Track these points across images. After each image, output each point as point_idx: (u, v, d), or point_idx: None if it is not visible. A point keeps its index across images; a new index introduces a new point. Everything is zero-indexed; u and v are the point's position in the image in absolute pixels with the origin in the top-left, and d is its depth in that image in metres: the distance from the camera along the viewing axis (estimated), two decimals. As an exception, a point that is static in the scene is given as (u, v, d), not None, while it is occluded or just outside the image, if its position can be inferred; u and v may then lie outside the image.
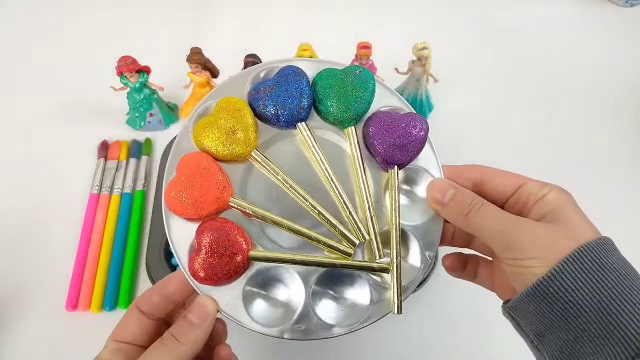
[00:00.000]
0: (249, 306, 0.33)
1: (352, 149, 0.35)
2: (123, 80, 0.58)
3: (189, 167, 0.33)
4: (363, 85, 0.35)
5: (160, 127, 0.64)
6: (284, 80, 0.35)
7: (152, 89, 0.61)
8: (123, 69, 0.57)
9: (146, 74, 0.59)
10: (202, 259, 0.32)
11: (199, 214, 0.33)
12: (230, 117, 0.34)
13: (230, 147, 0.34)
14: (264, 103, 0.35)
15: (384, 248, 0.34)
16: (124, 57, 0.56)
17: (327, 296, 0.34)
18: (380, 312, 0.34)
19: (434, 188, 0.34)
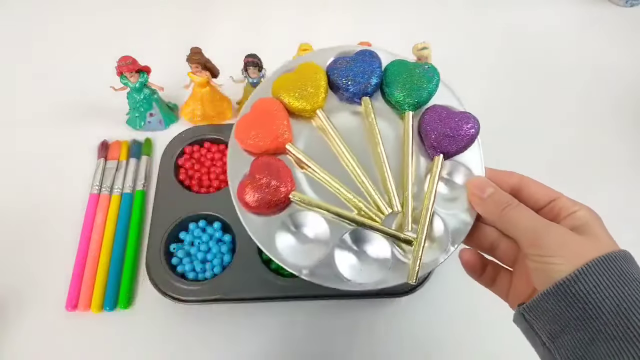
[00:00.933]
0: (279, 239, 0.36)
1: (406, 130, 0.39)
2: (123, 80, 0.58)
3: (262, 107, 0.38)
4: (428, 78, 0.39)
5: (160, 127, 0.64)
6: (360, 58, 0.40)
7: (152, 89, 0.61)
8: (123, 69, 0.56)
9: (146, 74, 0.59)
10: (250, 184, 0.36)
11: (258, 147, 0.37)
12: (307, 78, 0.39)
13: (300, 101, 0.38)
14: (339, 73, 0.39)
15: (412, 223, 0.36)
16: (123, 57, 0.56)
17: (350, 253, 0.36)
18: (395, 280, 0.36)
19: (475, 184, 0.36)
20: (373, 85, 0.39)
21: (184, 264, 0.53)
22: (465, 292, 0.54)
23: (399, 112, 0.40)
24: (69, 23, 0.77)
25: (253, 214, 0.37)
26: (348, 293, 0.51)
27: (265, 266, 0.52)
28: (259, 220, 0.36)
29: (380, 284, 0.36)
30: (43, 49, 0.74)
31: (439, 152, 0.38)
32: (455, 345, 0.51)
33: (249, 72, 0.58)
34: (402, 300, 0.52)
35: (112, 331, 0.51)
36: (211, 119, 0.63)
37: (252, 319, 0.52)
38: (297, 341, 0.51)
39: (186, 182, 0.58)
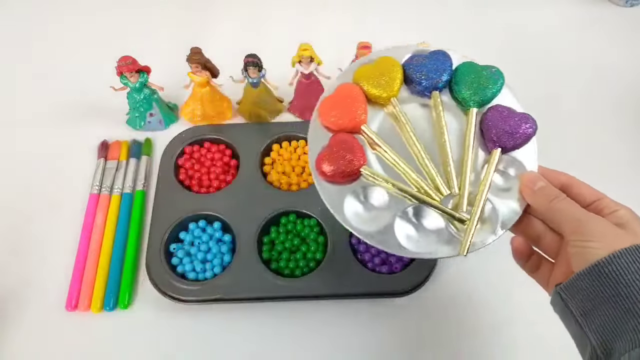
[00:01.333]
0: (347, 206, 0.41)
1: (469, 124, 0.43)
2: (123, 80, 0.58)
3: (344, 91, 0.44)
4: (494, 80, 0.43)
5: (160, 127, 0.64)
6: (434, 57, 0.45)
7: (152, 89, 0.61)
8: (123, 69, 0.57)
9: (146, 74, 0.59)
10: (328, 156, 0.41)
11: (337, 125, 0.42)
12: (384, 69, 0.44)
13: (377, 88, 0.43)
14: (414, 68, 0.44)
15: (467, 206, 0.40)
16: (124, 57, 0.56)
17: (410, 225, 0.41)
18: (446, 252, 0.40)
19: (528, 178, 0.40)
20: (443, 82, 0.44)
21: (184, 264, 0.53)
22: (465, 293, 0.54)
23: (463, 108, 0.44)
24: (69, 23, 0.77)
25: (327, 182, 0.41)
26: (348, 293, 0.51)
27: (265, 266, 0.52)
28: (331, 187, 0.41)
29: (433, 254, 0.40)
30: (43, 49, 0.74)
31: (498, 146, 0.42)
32: (455, 345, 0.51)
33: (248, 72, 0.58)
34: (401, 300, 0.52)
35: (112, 331, 0.51)
36: (211, 119, 0.63)
37: (252, 319, 0.52)
38: (297, 341, 0.51)
39: (186, 182, 0.59)
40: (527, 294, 0.53)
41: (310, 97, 0.63)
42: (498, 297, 0.53)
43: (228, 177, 0.59)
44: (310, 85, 0.61)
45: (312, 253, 0.53)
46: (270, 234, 0.55)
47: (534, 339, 0.51)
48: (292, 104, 0.65)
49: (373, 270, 0.52)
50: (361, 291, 0.51)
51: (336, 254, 0.52)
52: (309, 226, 0.55)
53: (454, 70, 0.45)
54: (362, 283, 0.51)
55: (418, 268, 0.51)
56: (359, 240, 0.54)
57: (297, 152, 0.61)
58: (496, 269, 0.54)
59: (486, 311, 0.53)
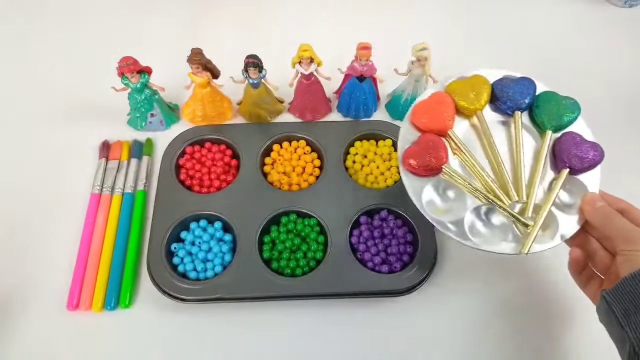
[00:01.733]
0: (425, 196, 0.48)
1: (544, 144, 0.49)
2: (124, 81, 0.59)
3: (437, 98, 0.51)
4: (572, 110, 0.50)
5: (161, 128, 0.64)
6: (521, 82, 0.52)
7: (153, 90, 0.61)
8: (124, 69, 0.57)
9: (147, 75, 0.59)
10: (415, 150, 0.48)
11: (427, 126, 0.50)
12: (475, 86, 0.51)
13: (465, 101, 0.51)
14: (502, 88, 0.51)
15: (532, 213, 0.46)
16: (125, 58, 0.57)
17: (479, 221, 0.48)
18: (508, 250, 0.46)
19: (590, 197, 0.46)
20: (526, 104, 0.50)
21: (185, 263, 0.53)
22: (464, 293, 0.54)
23: (540, 129, 0.51)
24: (71, 24, 0.77)
25: (412, 174, 0.48)
26: (348, 292, 0.51)
27: (266, 266, 0.52)
28: (414, 179, 0.48)
29: (495, 250, 0.46)
30: (44, 49, 0.74)
31: (567, 166, 0.48)
32: (455, 345, 0.51)
33: (249, 73, 0.58)
34: (401, 299, 0.52)
35: (114, 331, 0.51)
36: (212, 119, 0.64)
37: (253, 319, 0.52)
38: (297, 340, 0.51)
39: (187, 182, 0.59)
40: (527, 294, 0.54)
41: (310, 97, 0.63)
42: (498, 297, 0.54)
43: (229, 177, 0.59)
44: (310, 85, 0.61)
45: (313, 252, 0.53)
46: (271, 234, 0.55)
47: (534, 337, 0.51)
48: (292, 105, 0.66)
49: (373, 269, 0.52)
50: (361, 290, 0.51)
51: (336, 253, 0.53)
52: (309, 226, 0.55)
53: (536, 96, 0.51)
54: (362, 282, 0.51)
55: (418, 267, 0.52)
56: (359, 240, 0.54)
57: (297, 152, 0.61)
58: (496, 268, 0.55)
59: (486, 310, 0.53)
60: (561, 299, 0.53)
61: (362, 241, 0.54)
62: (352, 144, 0.62)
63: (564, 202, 0.48)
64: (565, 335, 0.52)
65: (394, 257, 0.53)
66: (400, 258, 0.53)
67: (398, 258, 0.53)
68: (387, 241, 0.54)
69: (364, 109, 0.64)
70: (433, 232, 0.54)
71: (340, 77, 0.63)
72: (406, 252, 0.53)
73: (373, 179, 0.59)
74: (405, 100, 0.64)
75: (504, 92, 0.51)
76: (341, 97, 0.64)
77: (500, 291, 0.54)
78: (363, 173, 0.60)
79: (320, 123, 0.65)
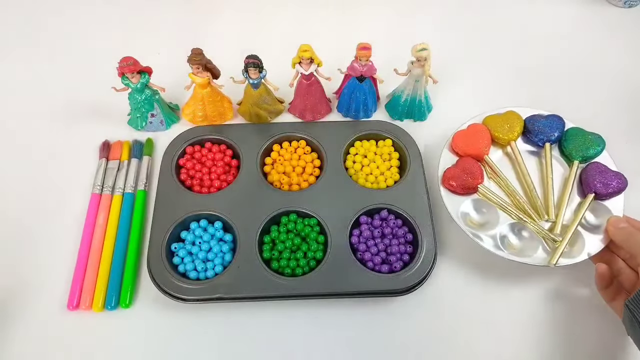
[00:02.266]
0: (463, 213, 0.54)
1: (572, 172, 0.56)
2: (124, 81, 0.59)
3: (475, 128, 0.59)
4: (597, 143, 0.57)
5: (161, 128, 0.64)
6: (551, 118, 0.60)
7: (153, 90, 0.61)
8: (124, 69, 0.57)
9: (147, 75, 0.59)
10: (454, 170, 0.55)
11: (465, 152, 0.57)
12: (509, 120, 0.60)
13: (500, 132, 0.59)
14: (534, 122, 0.59)
15: (560, 231, 0.53)
16: (125, 58, 0.57)
17: (512, 234, 0.54)
18: (537, 262, 0.51)
19: (614, 218, 0.52)
20: (555, 138, 0.58)
21: (185, 263, 0.53)
22: (464, 292, 0.54)
23: (568, 160, 0.58)
24: (71, 24, 0.77)
25: (450, 192, 0.55)
26: (348, 292, 0.51)
27: (266, 266, 0.52)
28: (454, 196, 0.55)
29: (525, 260, 0.51)
30: (44, 48, 0.74)
31: (593, 192, 0.54)
32: (455, 345, 0.51)
33: (249, 73, 0.58)
34: (401, 299, 0.52)
35: (114, 330, 0.51)
36: (212, 119, 0.64)
37: (253, 318, 0.52)
38: (297, 340, 0.51)
39: (187, 182, 0.59)
40: (526, 293, 0.54)
41: (311, 97, 0.63)
42: (498, 295, 0.54)
43: (229, 177, 0.59)
44: (310, 86, 0.62)
45: (313, 252, 0.53)
46: (271, 234, 0.55)
47: (533, 337, 0.51)
48: (293, 105, 0.66)
49: (373, 269, 0.52)
50: (361, 290, 0.51)
51: (336, 253, 0.53)
52: (309, 226, 0.55)
53: (565, 130, 0.59)
54: (362, 282, 0.51)
55: (418, 267, 0.52)
56: (359, 240, 0.54)
57: (297, 152, 0.61)
58: (496, 269, 0.55)
59: (486, 310, 0.53)
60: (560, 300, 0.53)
61: (362, 241, 0.54)
62: (352, 144, 0.62)
63: (591, 223, 0.54)
64: (566, 334, 0.52)
65: (394, 257, 0.53)
66: (401, 258, 0.53)
67: (398, 258, 0.53)
68: (387, 241, 0.54)
69: (364, 109, 0.64)
70: (433, 232, 0.54)
71: (340, 77, 0.64)
72: (406, 252, 0.54)
73: (373, 179, 0.59)
74: (405, 100, 0.64)
75: (535, 126, 0.59)
76: (341, 97, 0.64)
77: (501, 291, 0.54)
78: (363, 173, 0.60)
79: (320, 123, 0.65)
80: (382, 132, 0.62)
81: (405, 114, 0.66)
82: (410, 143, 0.61)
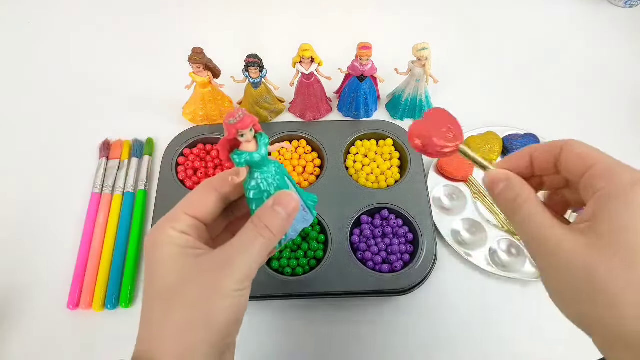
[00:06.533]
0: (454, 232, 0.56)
1: None
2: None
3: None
4: None
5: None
6: (527, 137, 0.62)
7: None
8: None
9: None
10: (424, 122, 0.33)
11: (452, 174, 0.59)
12: (488, 140, 0.62)
13: (481, 152, 0.61)
14: (511, 141, 0.62)
15: None
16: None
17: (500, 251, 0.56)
18: (529, 277, 0.53)
19: (490, 178, 0.30)
20: None
21: (186, 262, 0.53)
22: (464, 291, 0.54)
23: None
24: (70, 23, 0.77)
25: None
26: (349, 291, 0.51)
27: (266, 265, 0.52)
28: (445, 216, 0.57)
29: (516, 275, 0.53)
30: (43, 48, 0.74)
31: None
32: (455, 344, 0.51)
33: (249, 72, 0.58)
34: (402, 298, 0.52)
35: (114, 330, 0.51)
36: (213, 119, 0.64)
37: (252, 317, 0.52)
38: (297, 339, 0.51)
39: (187, 181, 0.59)
40: (527, 293, 0.54)
41: (311, 97, 0.63)
42: (499, 295, 0.54)
43: (229, 177, 0.59)
44: (311, 85, 0.61)
45: (313, 252, 0.53)
46: (271, 233, 0.55)
47: (534, 336, 0.51)
48: (293, 104, 0.66)
49: (374, 269, 0.52)
50: (362, 290, 0.51)
51: (337, 252, 0.53)
52: (309, 225, 0.55)
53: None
54: (363, 282, 0.51)
55: (418, 267, 0.52)
56: (359, 239, 0.54)
57: (297, 151, 0.61)
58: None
59: (486, 309, 0.53)
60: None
61: (363, 240, 0.54)
62: (352, 144, 0.62)
63: None
64: (570, 333, 0.51)
65: (395, 256, 0.53)
66: (401, 257, 0.53)
67: (399, 257, 0.53)
68: (387, 240, 0.54)
69: (365, 109, 0.64)
70: (434, 231, 0.54)
71: (340, 76, 0.64)
72: (407, 252, 0.53)
73: (374, 178, 0.59)
74: (405, 100, 0.64)
75: (513, 145, 0.62)
76: (342, 96, 0.64)
77: (502, 291, 0.54)
78: (364, 173, 0.60)
79: (320, 123, 0.65)
80: (382, 131, 0.62)
81: (406, 113, 0.66)
82: (411, 143, 0.61)
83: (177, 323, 0.28)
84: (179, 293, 0.29)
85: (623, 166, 0.26)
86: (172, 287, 0.29)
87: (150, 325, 0.30)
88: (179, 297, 0.29)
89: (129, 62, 0.72)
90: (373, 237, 0.54)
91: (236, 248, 0.30)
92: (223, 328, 0.29)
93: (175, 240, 0.30)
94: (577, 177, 0.27)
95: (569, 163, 0.28)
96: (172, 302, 0.29)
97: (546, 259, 0.26)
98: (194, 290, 0.29)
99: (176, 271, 0.29)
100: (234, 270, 0.29)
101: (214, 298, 0.29)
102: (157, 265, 0.30)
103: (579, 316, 0.25)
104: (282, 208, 0.31)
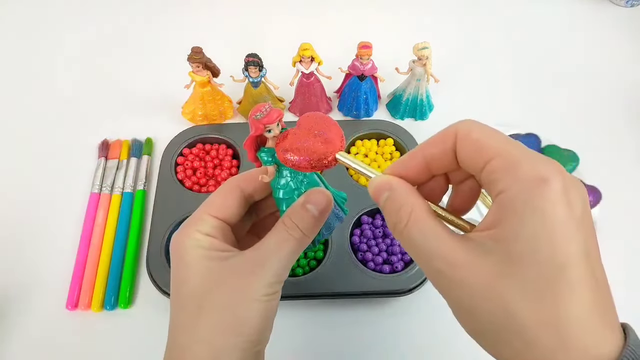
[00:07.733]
0: None
1: None
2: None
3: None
4: (572, 160, 0.58)
5: None
6: (528, 137, 0.60)
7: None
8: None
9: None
10: (294, 134, 0.28)
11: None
12: None
13: None
14: None
15: None
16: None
17: None
18: None
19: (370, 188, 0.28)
20: None
21: (185, 263, 0.53)
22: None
23: None
24: (69, 24, 0.77)
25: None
26: (349, 292, 0.51)
27: (266, 265, 0.52)
28: None
29: None
30: (43, 48, 0.74)
31: None
32: (456, 344, 0.51)
33: (249, 72, 0.58)
34: (403, 300, 0.52)
35: (113, 330, 0.51)
36: (212, 118, 0.63)
37: (253, 319, 0.52)
38: (296, 340, 0.51)
39: (187, 181, 0.58)
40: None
41: (311, 96, 0.63)
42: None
43: (229, 177, 0.59)
44: (310, 85, 0.61)
45: (313, 252, 0.53)
46: (271, 234, 0.54)
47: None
48: (293, 104, 0.65)
49: (374, 269, 0.52)
50: (362, 290, 0.51)
51: (337, 253, 0.52)
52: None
53: (542, 148, 0.60)
54: (364, 282, 0.51)
55: (419, 267, 0.51)
56: (360, 240, 0.54)
57: (297, 151, 0.61)
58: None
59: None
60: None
61: (364, 241, 0.54)
62: (353, 144, 0.62)
63: None
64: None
65: (396, 257, 0.53)
66: (402, 258, 0.53)
67: (400, 258, 0.53)
68: (388, 241, 0.54)
69: (365, 109, 0.64)
70: (434, 231, 0.54)
71: (340, 76, 0.63)
72: (407, 252, 0.53)
73: (374, 178, 0.59)
74: (406, 99, 0.63)
75: None
76: (342, 96, 0.64)
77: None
78: (364, 172, 0.59)
79: (320, 122, 0.64)
80: (383, 131, 0.62)
81: (407, 113, 0.65)
82: (412, 142, 0.60)
83: (207, 329, 0.27)
84: (208, 298, 0.28)
85: (527, 155, 0.21)
86: (200, 292, 0.28)
87: (180, 333, 0.29)
88: (208, 302, 0.28)
89: (128, 62, 0.71)
90: (374, 237, 0.54)
91: (266, 250, 0.29)
92: (254, 333, 0.28)
93: (201, 242, 0.29)
94: (476, 171, 0.23)
95: (464, 154, 0.23)
96: (201, 308, 0.28)
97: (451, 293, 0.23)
98: (224, 295, 0.28)
99: (204, 275, 0.28)
100: (265, 273, 0.28)
101: (244, 303, 0.28)
102: (184, 270, 0.29)
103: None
104: (314, 206, 0.30)
